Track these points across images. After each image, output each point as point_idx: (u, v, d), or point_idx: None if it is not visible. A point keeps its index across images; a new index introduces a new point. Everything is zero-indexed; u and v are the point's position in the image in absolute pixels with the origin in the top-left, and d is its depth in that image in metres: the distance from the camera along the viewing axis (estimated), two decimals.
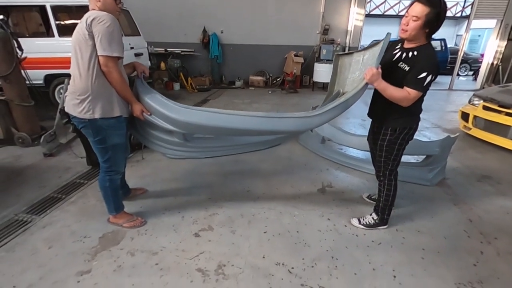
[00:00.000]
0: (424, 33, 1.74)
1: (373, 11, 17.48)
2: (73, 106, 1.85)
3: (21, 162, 3.31)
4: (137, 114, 1.95)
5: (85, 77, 1.78)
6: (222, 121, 2.01)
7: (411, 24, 1.70)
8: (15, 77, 3.50)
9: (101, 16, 1.69)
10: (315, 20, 8.48)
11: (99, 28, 1.68)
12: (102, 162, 2.03)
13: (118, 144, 1.99)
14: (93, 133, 1.89)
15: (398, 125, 1.94)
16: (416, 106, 1.91)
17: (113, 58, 1.76)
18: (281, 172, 3.23)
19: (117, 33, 1.76)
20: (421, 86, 1.73)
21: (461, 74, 12.44)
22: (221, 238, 2.16)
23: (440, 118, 5.47)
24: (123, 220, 2.23)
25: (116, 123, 1.91)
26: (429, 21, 1.67)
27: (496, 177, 3.21)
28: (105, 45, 1.70)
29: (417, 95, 1.76)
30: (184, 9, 8.27)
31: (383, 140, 2.02)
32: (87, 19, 1.70)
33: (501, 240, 2.20)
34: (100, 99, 1.82)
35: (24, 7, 4.88)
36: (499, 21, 8.31)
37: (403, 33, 1.76)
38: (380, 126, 2.05)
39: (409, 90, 1.76)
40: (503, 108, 3.84)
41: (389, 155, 2.04)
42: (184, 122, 1.96)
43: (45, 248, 2.00)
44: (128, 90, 1.90)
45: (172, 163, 3.36)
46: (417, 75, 1.72)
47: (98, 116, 1.84)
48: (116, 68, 1.79)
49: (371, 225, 2.28)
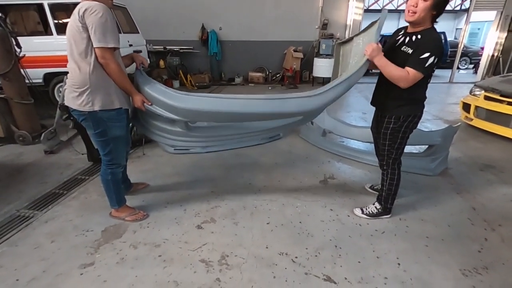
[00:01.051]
0: (431, 16, 1.72)
1: (372, 6, 17.41)
2: (72, 99, 1.84)
3: (22, 160, 3.30)
4: (138, 105, 1.92)
5: (83, 69, 1.76)
6: (223, 106, 1.97)
7: (420, 4, 1.66)
8: (14, 75, 3.49)
9: (92, 6, 1.66)
10: (314, 15, 8.44)
11: (91, 19, 1.65)
12: (103, 155, 2.02)
13: (119, 136, 1.97)
14: (93, 126, 1.88)
15: (402, 112, 1.92)
16: (419, 92, 1.89)
17: (109, 49, 1.73)
18: (283, 165, 3.22)
19: (110, 23, 1.72)
20: (422, 67, 1.70)
21: (461, 67, 12.38)
22: (224, 229, 2.15)
23: (441, 110, 5.45)
24: (125, 214, 2.22)
25: (116, 115, 1.90)
26: (438, 2, 1.65)
27: (498, 166, 3.19)
28: (99, 36, 1.67)
29: (416, 76, 1.73)
30: (182, 6, 8.24)
31: (386, 128, 2.00)
32: (79, 10, 1.67)
33: (505, 227, 2.19)
34: (99, 91, 1.81)
35: (22, 5, 4.86)
36: (499, 12, 8.25)
37: (412, 15, 1.71)
38: (383, 115, 2.02)
39: (409, 69, 1.73)
40: (505, 98, 3.82)
41: (393, 144, 2.03)
42: (185, 109, 1.92)
43: (47, 242, 2.00)
44: (127, 81, 1.87)
45: (173, 158, 3.35)
46: (419, 55, 1.70)
47: (97, 108, 1.82)
48: (113, 59, 1.76)
49: (374, 214, 2.27)
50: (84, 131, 3.01)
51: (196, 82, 8.07)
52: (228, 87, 8.34)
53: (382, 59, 1.78)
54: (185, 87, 8.00)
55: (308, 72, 8.76)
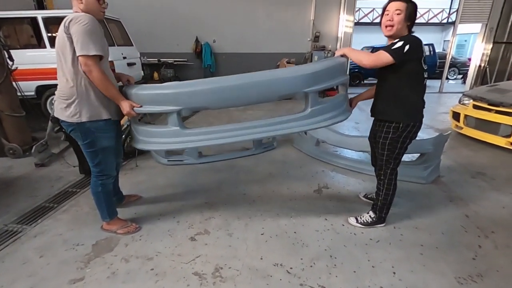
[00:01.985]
0: (407, 26, 1.84)
1: (362, 19, 17.87)
2: (61, 110, 1.83)
3: (12, 173, 3.24)
4: (128, 111, 1.87)
5: (70, 80, 1.77)
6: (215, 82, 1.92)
7: (395, 18, 1.79)
8: (5, 88, 3.46)
9: (78, 16, 1.67)
10: (306, 27, 8.62)
11: (75, 28, 1.64)
12: (93, 166, 1.99)
13: (108, 147, 1.96)
14: (82, 136, 1.87)
15: (401, 119, 1.93)
16: (414, 96, 1.92)
17: (92, 57, 1.70)
18: (277, 175, 3.21)
19: (95, 31, 1.71)
20: (391, 49, 1.77)
21: (450, 77, 12.68)
22: (218, 241, 2.12)
23: (432, 119, 5.55)
24: (116, 227, 2.18)
25: (104, 126, 1.89)
26: (410, 13, 1.80)
27: (489, 173, 3.24)
28: (82, 44, 1.66)
29: (386, 57, 1.78)
30: (176, 19, 8.35)
31: (385, 138, 2.01)
32: (65, 21, 1.68)
33: (498, 234, 2.20)
34: (86, 102, 1.80)
35: (16, 19, 4.88)
36: (484, 25, 8.53)
37: (390, 29, 1.83)
38: (382, 124, 2.03)
39: (381, 51, 1.81)
40: (493, 106, 3.91)
41: (391, 154, 2.03)
42: (177, 92, 1.87)
43: (36, 257, 1.94)
44: (112, 88, 1.83)
45: (167, 169, 3.33)
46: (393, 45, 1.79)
47: (85, 119, 1.82)
48: (96, 66, 1.72)
49: (368, 223, 2.27)
50: (76, 143, 2.95)
51: None
52: None
53: (352, 50, 1.98)
54: None
55: None
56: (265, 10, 8.41)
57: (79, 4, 1.76)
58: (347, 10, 8.34)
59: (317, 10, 8.42)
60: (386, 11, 1.84)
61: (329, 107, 2.06)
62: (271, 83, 1.92)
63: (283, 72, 1.96)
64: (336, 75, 2.03)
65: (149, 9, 8.14)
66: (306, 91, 1.93)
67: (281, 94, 1.99)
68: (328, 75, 1.99)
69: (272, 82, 1.92)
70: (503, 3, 8.21)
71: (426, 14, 18.31)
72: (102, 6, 1.84)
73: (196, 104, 1.94)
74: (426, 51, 10.67)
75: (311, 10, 8.42)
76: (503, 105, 3.79)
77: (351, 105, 2.24)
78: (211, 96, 1.88)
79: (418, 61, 1.83)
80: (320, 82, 1.94)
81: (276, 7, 8.36)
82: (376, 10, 17.62)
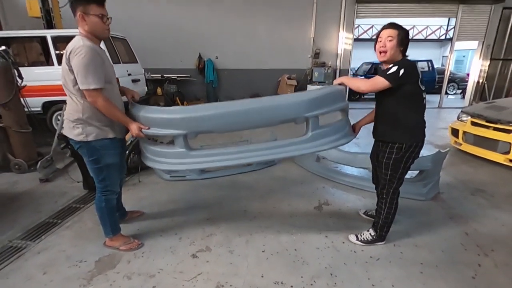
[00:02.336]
0: (400, 51, 1.93)
1: (361, 35, 18.25)
2: (69, 129, 1.91)
3: (16, 188, 3.29)
4: (136, 133, 1.94)
5: (76, 103, 1.85)
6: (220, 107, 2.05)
7: (388, 44, 1.89)
8: (14, 105, 3.57)
9: (77, 48, 1.71)
10: (306, 44, 8.83)
11: (75, 62, 1.71)
12: (98, 182, 2.05)
13: (113, 164, 2.02)
14: (88, 154, 1.94)
15: (404, 140, 1.97)
16: (413, 117, 1.98)
17: (94, 90, 1.77)
18: (278, 191, 3.25)
19: (94, 62, 1.75)
20: (387, 74, 1.85)
21: (450, 92, 12.82)
22: (219, 258, 2.15)
23: (431, 135, 5.60)
24: (119, 243, 2.21)
25: (110, 144, 1.96)
26: (402, 39, 1.89)
27: (489, 190, 3.26)
28: (82, 79, 1.73)
29: (379, 80, 1.88)
30: (180, 36, 8.59)
31: (388, 158, 2.05)
32: (66, 52, 1.74)
33: (498, 252, 2.21)
34: (92, 123, 1.88)
35: (26, 38, 5.06)
36: (481, 42, 8.72)
37: (383, 55, 1.93)
38: (385, 145, 2.06)
39: (377, 77, 1.91)
40: (491, 123, 3.97)
41: (395, 174, 2.07)
42: (183, 117, 1.96)
43: (39, 274, 1.97)
44: (118, 114, 1.90)
45: (169, 185, 3.37)
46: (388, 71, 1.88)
47: (91, 139, 1.89)
48: (100, 97, 1.79)
49: (368, 241, 2.29)
50: (81, 160, 3.03)
51: None
52: None
53: (350, 79, 2.07)
54: None
55: None
56: (266, 28, 8.65)
57: (84, 25, 1.82)
58: (346, 28, 8.56)
59: (317, 27, 8.65)
60: (379, 38, 1.94)
61: (330, 131, 2.15)
62: (274, 108, 2.03)
63: (285, 98, 2.09)
64: (336, 101, 2.13)
65: (154, 26, 8.40)
66: (307, 115, 2.02)
67: (283, 119, 2.08)
68: (328, 101, 2.10)
69: (274, 107, 2.03)
70: (499, 21, 8.43)
71: (424, 30, 18.70)
72: (106, 24, 1.88)
73: (201, 129, 2.02)
74: (425, 67, 11.04)
75: (311, 28, 8.65)
76: (501, 122, 3.85)
77: (354, 130, 2.33)
78: (216, 121, 1.98)
79: (414, 83, 1.90)
80: (320, 108, 2.04)
81: (277, 25, 8.60)
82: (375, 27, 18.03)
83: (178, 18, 8.46)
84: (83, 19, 1.80)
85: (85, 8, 1.78)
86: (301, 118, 2.06)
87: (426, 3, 8.26)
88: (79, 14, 1.79)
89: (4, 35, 4.93)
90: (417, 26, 18.19)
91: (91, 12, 1.80)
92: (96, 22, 1.82)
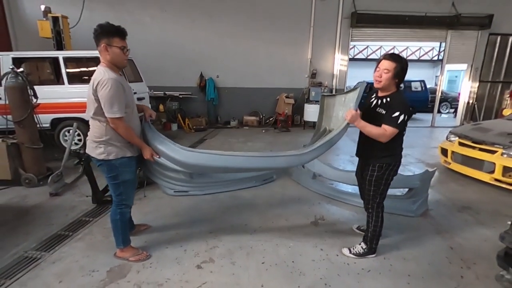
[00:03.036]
0: (395, 83, 2.15)
1: (357, 55, 18.88)
2: (92, 149, 2.13)
3: (27, 202, 3.45)
4: (148, 157, 2.21)
5: (99, 127, 2.09)
6: (224, 162, 2.30)
7: (383, 75, 2.11)
8: (28, 122, 3.78)
9: (103, 80, 1.95)
10: (304, 65, 9.22)
11: (102, 94, 1.96)
12: (115, 196, 2.25)
13: (129, 180, 2.24)
14: (107, 170, 2.15)
15: (383, 162, 2.22)
16: (396, 145, 2.22)
17: (118, 118, 2.02)
18: (276, 207, 3.43)
19: (118, 93, 1.99)
20: (395, 124, 2.07)
21: (443, 111, 13.23)
22: (222, 269, 2.31)
23: (423, 154, 5.83)
24: (129, 254, 2.37)
25: (128, 162, 2.19)
26: (397, 73, 2.10)
27: (475, 207, 3.46)
28: (108, 108, 1.98)
29: (392, 131, 2.08)
30: (182, 55, 8.95)
31: (371, 176, 2.29)
32: (93, 83, 1.98)
33: (479, 265, 2.39)
34: (113, 144, 2.11)
35: (39, 58, 5.35)
36: (469, 65, 9.16)
37: (378, 83, 2.16)
38: (367, 164, 2.32)
39: (386, 127, 2.09)
40: (476, 144, 4.22)
41: (377, 189, 2.30)
42: (191, 164, 2.25)
43: (55, 282, 2.12)
44: (136, 139, 2.17)
45: (173, 200, 3.54)
46: (391, 114, 2.08)
47: (112, 158, 2.10)
48: (121, 124, 2.05)
49: (360, 254, 2.47)
50: (92, 175, 3.24)
51: (194, 125, 8.48)
52: (224, 130, 8.75)
53: (361, 123, 2.14)
54: (183, 129, 8.39)
55: (299, 116, 9.31)
56: (265, 49, 9.06)
57: (106, 55, 2.05)
58: (341, 50, 8.99)
59: (314, 49, 9.08)
60: (378, 67, 2.15)
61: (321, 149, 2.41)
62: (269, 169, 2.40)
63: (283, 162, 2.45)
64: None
65: (157, 46, 8.76)
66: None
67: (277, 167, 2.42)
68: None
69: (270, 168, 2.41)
70: (486, 46, 8.90)
71: (418, 51, 19.39)
72: (126, 55, 2.12)
73: (204, 172, 2.34)
74: (418, 86, 11.46)
75: (309, 50, 9.07)
76: (485, 143, 4.11)
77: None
78: (218, 170, 2.45)
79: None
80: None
81: (276, 46, 9.01)
82: (370, 47, 18.71)
83: (181, 38, 8.85)
84: (106, 50, 2.03)
85: (109, 40, 2.02)
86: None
87: (417, 28, 8.73)
88: (103, 45, 2.02)
89: (19, 56, 5.21)
90: (411, 47, 18.91)
91: (114, 44, 2.03)
92: (118, 53, 2.05)
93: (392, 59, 2.10)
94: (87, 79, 5.54)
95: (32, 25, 7.43)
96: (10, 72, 3.70)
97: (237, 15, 8.78)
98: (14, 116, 3.74)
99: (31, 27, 7.66)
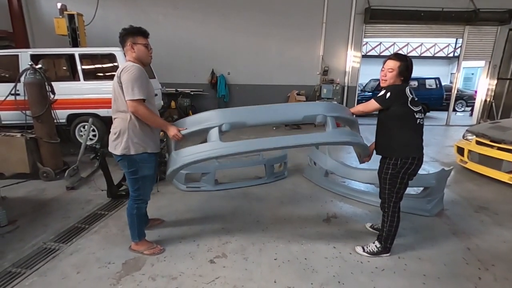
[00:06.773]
0: (400, 81, 2.19)
1: (369, 52, 18.57)
2: (113, 144, 2.19)
3: (45, 195, 3.55)
4: (174, 133, 2.18)
5: (122, 120, 2.13)
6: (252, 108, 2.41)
7: (388, 74, 2.18)
8: (46, 118, 3.88)
9: (128, 66, 2.06)
10: (315, 62, 9.13)
11: (125, 77, 2.03)
12: (133, 191, 2.29)
13: (148, 175, 2.28)
14: (127, 165, 2.20)
15: (397, 154, 2.19)
16: (406, 135, 2.19)
17: (137, 100, 2.04)
18: (288, 204, 3.43)
19: (140, 78, 2.05)
20: (377, 98, 2.20)
21: (459, 110, 12.90)
22: (235, 264, 2.33)
23: (438, 152, 5.72)
24: (144, 248, 2.41)
25: (147, 157, 2.22)
26: (402, 71, 2.15)
27: (492, 208, 3.37)
28: (129, 90, 2.02)
29: (373, 104, 2.23)
30: (194, 53, 9.00)
31: (386, 173, 2.27)
32: (118, 72, 2.07)
33: (498, 267, 2.33)
34: (134, 139, 2.14)
35: (56, 55, 5.47)
36: (488, 62, 8.89)
37: (384, 82, 2.23)
38: (384, 161, 2.30)
39: (371, 99, 2.26)
40: (495, 143, 4.10)
41: (392, 188, 2.27)
42: (220, 113, 2.27)
43: (73, 273, 2.18)
44: (158, 119, 2.21)
45: (185, 195, 3.59)
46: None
47: (133, 153, 2.14)
48: (141, 106, 2.06)
49: (374, 252, 2.44)
50: (107, 170, 3.31)
51: None
52: None
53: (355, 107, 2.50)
54: None
55: None
56: (277, 46, 9.01)
57: (132, 52, 2.16)
58: (354, 46, 8.86)
59: (326, 46, 8.97)
60: (383, 67, 2.21)
61: (347, 131, 2.51)
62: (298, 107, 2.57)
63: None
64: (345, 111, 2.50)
65: (169, 43, 8.82)
66: (327, 115, 2.30)
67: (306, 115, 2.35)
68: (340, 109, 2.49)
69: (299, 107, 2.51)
70: (505, 42, 8.61)
71: (432, 48, 18.92)
72: (150, 52, 2.25)
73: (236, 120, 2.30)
74: (432, 84, 11.20)
75: (320, 46, 8.97)
76: (505, 142, 3.99)
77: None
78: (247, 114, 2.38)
79: (403, 104, 2.14)
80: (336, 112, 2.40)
81: (287, 43, 8.95)
82: (383, 44, 18.37)
83: (193, 35, 8.89)
84: (132, 48, 2.15)
85: (134, 38, 2.15)
86: (321, 117, 2.30)
87: (433, 24, 8.52)
88: (129, 44, 2.14)
89: (37, 52, 5.33)
90: (425, 44, 18.43)
91: (138, 42, 2.16)
92: (142, 50, 2.18)
93: (397, 58, 2.19)
94: (102, 76, 5.70)
95: (48, 22, 7.59)
96: (29, 69, 3.80)
97: (249, 12, 8.75)
98: (33, 112, 3.85)
99: (47, 24, 7.83)
